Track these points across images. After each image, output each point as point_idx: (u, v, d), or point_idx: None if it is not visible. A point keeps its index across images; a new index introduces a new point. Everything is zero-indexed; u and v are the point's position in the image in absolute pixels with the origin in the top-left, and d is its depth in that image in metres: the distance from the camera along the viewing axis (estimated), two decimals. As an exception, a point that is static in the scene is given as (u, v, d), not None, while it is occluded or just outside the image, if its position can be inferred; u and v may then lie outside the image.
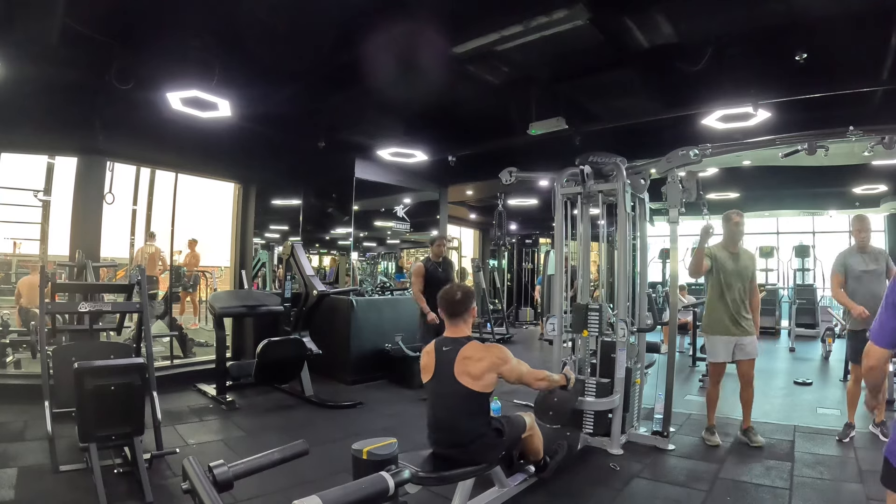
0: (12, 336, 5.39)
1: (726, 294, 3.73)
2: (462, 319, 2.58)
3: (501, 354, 2.53)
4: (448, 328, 2.62)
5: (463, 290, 2.62)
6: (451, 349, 2.50)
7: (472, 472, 2.48)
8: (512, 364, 2.54)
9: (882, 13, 3.38)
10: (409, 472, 1.11)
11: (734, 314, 3.71)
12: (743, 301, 3.75)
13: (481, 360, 2.45)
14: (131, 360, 3.22)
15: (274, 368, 4.79)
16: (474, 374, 2.44)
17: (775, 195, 9.42)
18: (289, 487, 2.62)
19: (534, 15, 3.43)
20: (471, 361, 2.44)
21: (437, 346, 2.60)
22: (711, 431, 3.81)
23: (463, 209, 11.20)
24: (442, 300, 2.62)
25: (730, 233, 3.84)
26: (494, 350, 2.54)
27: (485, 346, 2.55)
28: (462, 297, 2.58)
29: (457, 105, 5.32)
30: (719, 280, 3.75)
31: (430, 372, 2.57)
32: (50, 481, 2.87)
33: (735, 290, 3.72)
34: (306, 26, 3.76)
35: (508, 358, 2.54)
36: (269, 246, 7.14)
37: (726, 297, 3.73)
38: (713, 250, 3.83)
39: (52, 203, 5.86)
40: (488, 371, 2.46)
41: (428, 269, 5.16)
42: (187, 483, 0.96)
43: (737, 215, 3.84)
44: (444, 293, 2.63)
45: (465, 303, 2.57)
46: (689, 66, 3.98)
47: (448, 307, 2.58)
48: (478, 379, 2.44)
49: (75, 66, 4.17)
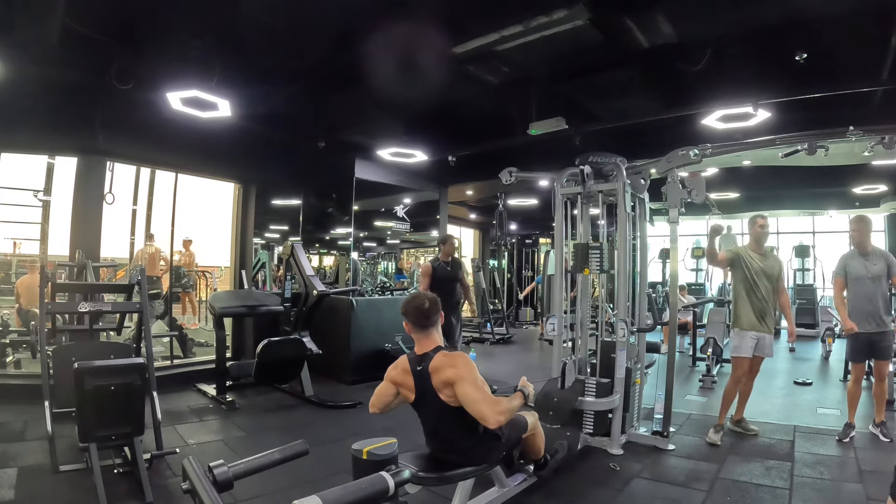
0: (12, 336, 5.39)
1: (753, 291, 3.85)
2: (434, 328, 2.42)
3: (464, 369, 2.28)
4: (418, 343, 2.42)
5: (429, 298, 2.43)
6: (423, 367, 2.35)
7: (472, 472, 2.48)
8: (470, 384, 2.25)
9: (882, 13, 3.38)
10: (409, 472, 1.11)
11: (761, 311, 3.83)
12: (769, 300, 3.87)
13: (441, 370, 2.29)
14: (131, 360, 3.22)
15: (274, 368, 4.79)
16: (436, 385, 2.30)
17: (775, 195, 9.42)
18: (289, 487, 2.62)
19: (534, 15, 3.43)
20: (434, 373, 2.30)
21: (411, 366, 2.41)
22: (717, 430, 3.82)
23: (463, 209, 11.20)
24: (411, 313, 2.39)
25: (755, 235, 3.97)
26: (459, 360, 2.32)
27: (450, 355, 2.36)
28: (430, 305, 2.40)
29: (457, 105, 5.31)
30: (746, 277, 3.86)
31: (413, 393, 2.41)
32: (50, 481, 2.87)
33: (762, 288, 3.84)
34: (306, 26, 3.76)
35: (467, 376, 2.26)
36: (269, 246, 7.14)
37: (753, 295, 3.85)
38: (738, 250, 3.96)
39: (52, 203, 5.85)
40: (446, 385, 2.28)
41: (435, 268, 5.16)
42: (187, 483, 0.97)
43: (761, 219, 3.99)
44: (413, 307, 2.40)
45: (434, 309, 2.41)
46: (689, 66, 3.98)
47: (419, 318, 2.38)
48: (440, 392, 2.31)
49: (75, 66, 4.17)
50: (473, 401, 2.24)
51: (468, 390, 2.24)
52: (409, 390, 2.41)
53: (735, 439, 3.85)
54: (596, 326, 4.05)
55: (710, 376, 5.58)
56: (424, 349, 2.41)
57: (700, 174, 3.89)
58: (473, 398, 2.24)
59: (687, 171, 3.80)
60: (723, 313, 6.90)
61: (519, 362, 7.38)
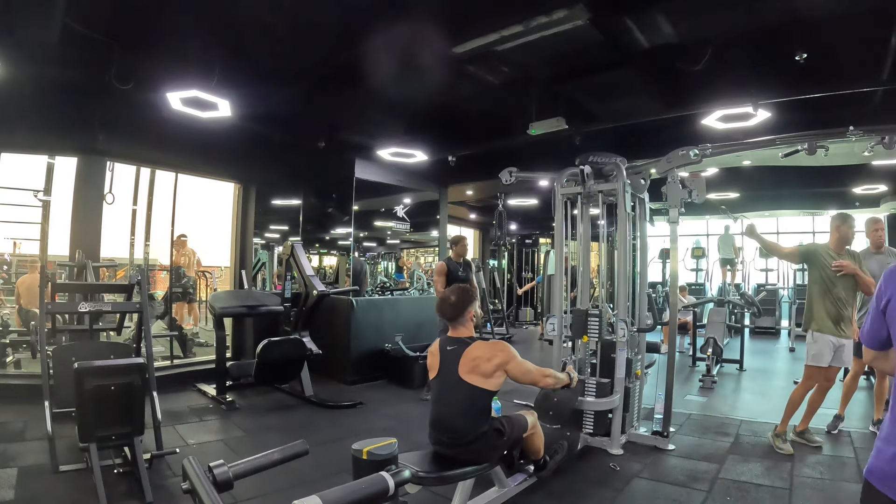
0: (12, 336, 5.39)
1: (829, 293, 3.56)
2: (460, 323, 2.59)
3: (508, 351, 2.53)
4: (451, 330, 2.63)
5: (457, 294, 2.61)
6: (455, 348, 2.53)
7: (473, 472, 2.48)
8: (518, 360, 2.54)
9: (882, 13, 3.38)
10: (409, 472, 1.11)
11: (836, 316, 3.53)
12: (847, 304, 3.56)
13: (491, 358, 2.47)
14: (131, 360, 3.21)
15: (274, 368, 4.79)
16: (486, 372, 2.45)
17: (775, 195, 9.42)
18: (289, 487, 2.62)
19: (534, 15, 3.43)
20: (481, 361, 2.46)
21: (441, 345, 2.61)
22: (783, 439, 3.60)
23: (463, 209, 11.20)
24: (438, 306, 2.65)
25: (840, 237, 3.63)
26: (500, 347, 2.55)
27: (490, 345, 2.56)
28: (456, 300, 2.58)
29: (457, 105, 5.31)
30: (822, 278, 3.59)
31: (435, 370, 2.60)
32: (50, 481, 2.87)
33: (839, 289, 3.54)
34: (306, 26, 3.76)
35: (514, 354, 2.54)
36: (269, 246, 7.14)
37: (828, 297, 3.57)
38: (816, 247, 3.72)
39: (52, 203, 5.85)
40: (498, 369, 2.47)
41: (450, 268, 5.15)
42: (187, 483, 0.96)
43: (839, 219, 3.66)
44: (441, 297, 2.66)
45: (460, 305, 2.57)
46: (689, 66, 3.98)
47: (444, 311, 2.60)
48: (489, 377, 2.46)
49: (75, 66, 4.17)
50: (526, 371, 2.58)
51: (518, 366, 2.54)
52: (433, 368, 2.61)
53: (735, 439, 3.85)
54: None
55: (710, 376, 5.58)
56: (460, 335, 2.58)
57: (700, 174, 3.89)
58: (525, 369, 2.57)
59: (687, 171, 3.80)
60: (723, 313, 6.90)
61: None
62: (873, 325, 1.43)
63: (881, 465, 1.27)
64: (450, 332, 2.64)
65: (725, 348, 6.59)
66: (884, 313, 1.37)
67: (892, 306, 1.34)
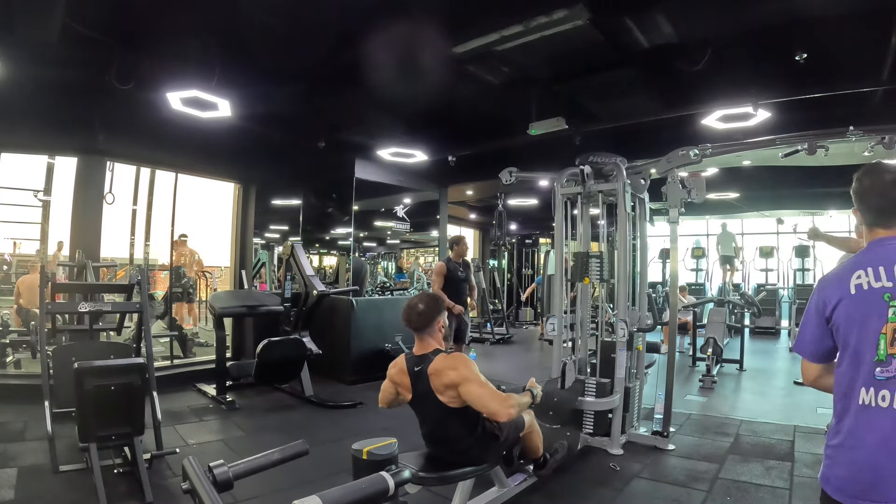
0: (12, 336, 5.39)
1: None
2: (428, 333, 2.39)
3: (465, 370, 2.26)
4: (417, 344, 2.43)
5: (426, 301, 2.42)
6: (421, 368, 2.34)
7: (472, 472, 2.48)
8: (474, 383, 2.25)
9: (882, 13, 3.38)
10: (409, 472, 1.11)
11: None
12: None
13: (443, 373, 2.27)
14: (131, 360, 3.22)
15: (274, 368, 4.79)
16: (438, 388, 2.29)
17: (775, 195, 9.42)
18: (289, 487, 2.61)
19: (534, 15, 3.43)
20: (434, 376, 2.29)
21: (408, 366, 2.41)
22: None
23: (463, 209, 11.20)
24: (405, 314, 2.41)
25: None
26: (459, 361, 2.30)
27: (451, 357, 2.35)
28: (424, 308, 2.37)
29: (457, 105, 5.31)
30: None
31: (409, 393, 2.42)
32: (50, 481, 2.87)
33: None
34: (306, 26, 3.76)
35: (470, 376, 2.25)
36: (269, 246, 7.14)
37: None
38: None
39: (52, 203, 5.85)
40: (449, 388, 2.27)
41: (449, 268, 5.15)
42: (187, 483, 0.96)
43: None
44: (407, 305, 2.42)
45: (429, 314, 2.37)
46: (689, 66, 3.98)
47: (410, 320, 2.38)
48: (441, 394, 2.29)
49: (75, 66, 4.17)
50: (480, 398, 2.24)
51: (474, 389, 2.24)
52: (406, 390, 2.43)
53: (735, 439, 3.85)
54: (596, 326, 4.05)
55: (710, 376, 5.58)
56: (423, 350, 2.40)
57: (700, 174, 3.88)
58: (480, 395, 2.24)
59: (687, 171, 3.80)
60: (723, 313, 6.90)
61: (519, 362, 7.39)
62: (814, 335, 1.37)
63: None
64: (415, 349, 2.42)
65: (725, 348, 6.59)
66: (828, 321, 1.33)
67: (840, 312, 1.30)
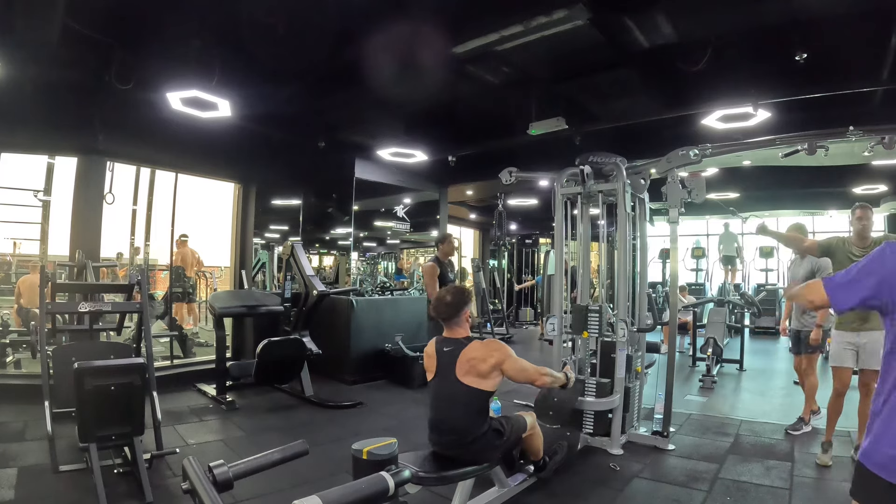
0: (12, 336, 5.39)
1: None
2: (456, 323, 2.57)
3: (503, 350, 2.52)
4: (446, 330, 2.61)
5: (453, 293, 2.60)
6: (452, 349, 2.51)
7: (473, 472, 2.48)
8: (514, 359, 2.53)
9: (882, 13, 3.38)
10: (409, 472, 1.11)
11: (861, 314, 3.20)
12: None
13: (486, 358, 2.45)
14: (131, 360, 3.22)
15: (274, 368, 4.79)
16: (482, 373, 2.44)
17: (775, 195, 9.41)
18: (289, 487, 2.62)
19: (534, 15, 3.42)
20: (477, 361, 2.44)
21: (437, 346, 2.59)
22: (825, 448, 3.37)
23: (463, 209, 11.20)
24: (434, 306, 2.64)
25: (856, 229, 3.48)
26: (496, 346, 2.53)
27: (486, 344, 2.55)
28: (452, 299, 2.56)
29: (457, 105, 5.31)
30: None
31: (433, 372, 2.59)
32: (50, 481, 2.87)
33: None
34: (306, 26, 3.75)
35: (510, 353, 2.53)
36: (269, 246, 7.14)
37: None
38: (838, 241, 3.51)
39: (52, 203, 5.85)
40: (494, 369, 2.46)
41: (441, 268, 5.14)
42: (187, 483, 0.96)
43: (860, 210, 3.48)
44: (436, 297, 2.65)
45: (456, 305, 2.56)
46: (689, 66, 3.97)
47: (440, 311, 2.58)
48: (486, 378, 2.45)
49: (75, 66, 4.17)
50: (523, 370, 2.56)
51: (515, 364, 2.53)
52: (430, 371, 2.59)
53: (735, 439, 3.85)
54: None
55: (710, 376, 5.58)
56: (455, 335, 2.56)
57: (700, 174, 3.88)
58: (522, 367, 2.56)
59: (687, 171, 3.80)
60: (723, 313, 6.90)
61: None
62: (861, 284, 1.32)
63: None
64: (445, 333, 2.61)
65: (725, 348, 6.59)
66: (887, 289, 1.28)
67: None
